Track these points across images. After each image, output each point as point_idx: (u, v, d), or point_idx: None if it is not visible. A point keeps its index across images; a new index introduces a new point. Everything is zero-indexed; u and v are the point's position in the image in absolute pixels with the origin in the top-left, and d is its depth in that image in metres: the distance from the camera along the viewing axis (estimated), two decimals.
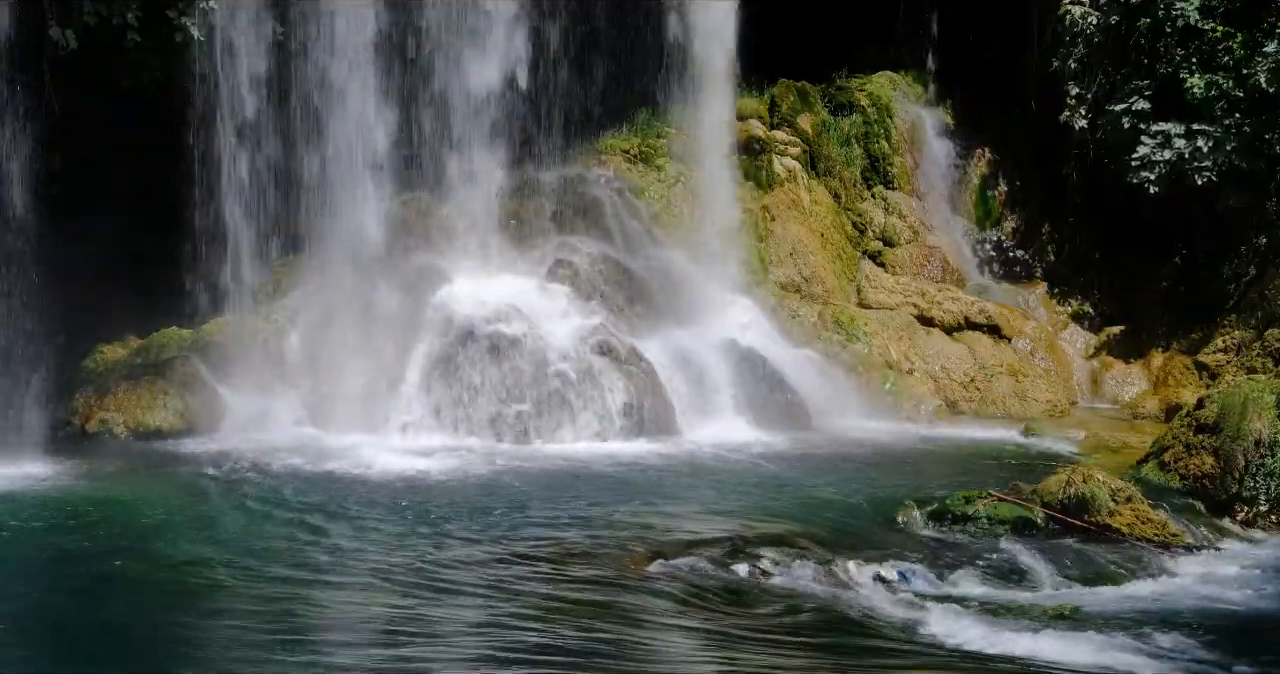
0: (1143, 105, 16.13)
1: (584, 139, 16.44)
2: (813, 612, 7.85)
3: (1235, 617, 8.06)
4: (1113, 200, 17.10)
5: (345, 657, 6.91)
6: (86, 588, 8.05)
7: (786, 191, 17.11)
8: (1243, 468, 10.27)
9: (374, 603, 7.74)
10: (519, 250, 14.87)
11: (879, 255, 17.52)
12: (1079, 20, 16.94)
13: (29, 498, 10.17)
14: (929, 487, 10.84)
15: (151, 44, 12.94)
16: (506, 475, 11.44)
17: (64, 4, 12.44)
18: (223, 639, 7.10)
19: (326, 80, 13.69)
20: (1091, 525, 9.63)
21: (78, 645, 7.07)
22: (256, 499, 10.26)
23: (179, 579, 8.15)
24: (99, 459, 11.65)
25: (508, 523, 9.66)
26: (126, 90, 13.31)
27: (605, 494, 10.74)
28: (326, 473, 11.18)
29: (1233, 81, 15.49)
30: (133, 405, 12.77)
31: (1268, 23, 15.49)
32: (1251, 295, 15.82)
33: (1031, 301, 17.74)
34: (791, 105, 17.83)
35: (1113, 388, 16.59)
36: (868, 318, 16.20)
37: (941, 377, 15.74)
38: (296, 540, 9.08)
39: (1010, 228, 18.43)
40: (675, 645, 7.27)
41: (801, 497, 10.71)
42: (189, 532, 9.30)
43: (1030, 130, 18.02)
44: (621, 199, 15.62)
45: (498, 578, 8.27)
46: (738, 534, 9.32)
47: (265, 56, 13.41)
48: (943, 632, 7.50)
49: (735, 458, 12.48)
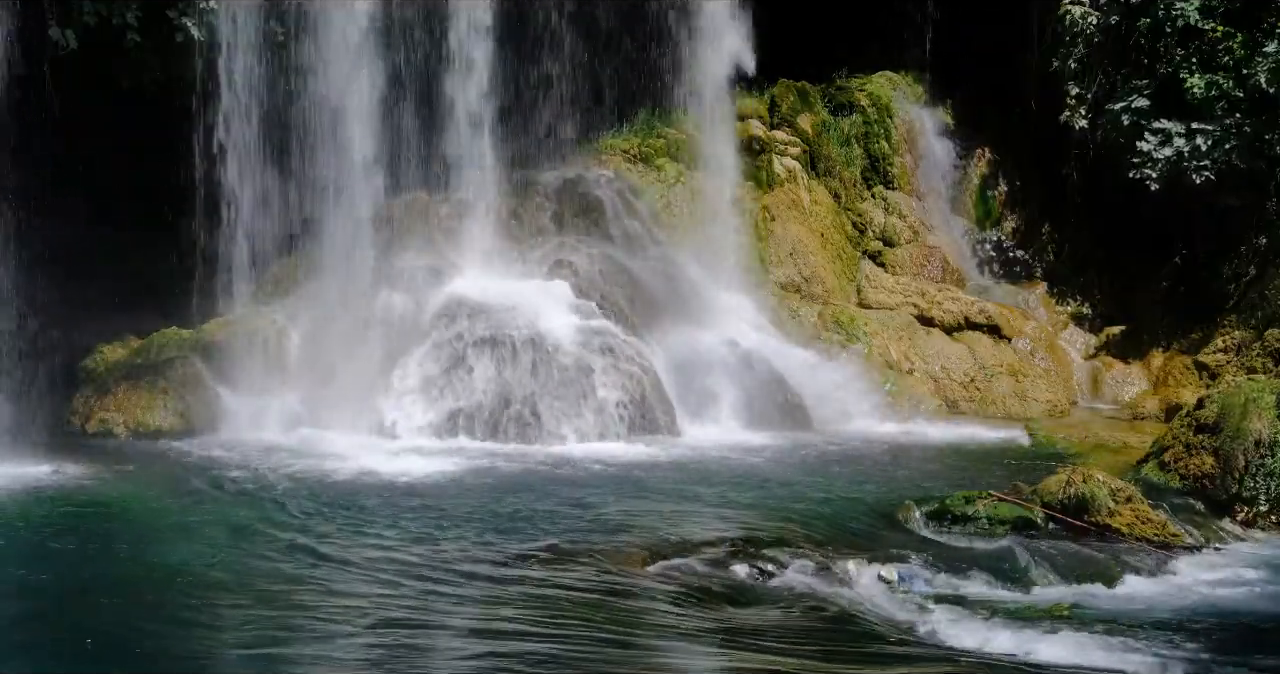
0: (1142, 104, 16.13)
1: (584, 139, 16.45)
2: (812, 612, 7.84)
3: (1235, 617, 8.06)
4: (1113, 200, 17.11)
5: (344, 657, 6.91)
6: (86, 588, 8.05)
7: (786, 191, 17.11)
8: (1243, 468, 10.27)
9: (373, 603, 7.74)
10: (519, 250, 14.87)
11: (879, 255, 17.52)
12: (1079, 20, 16.94)
13: (29, 498, 10.16)
14: (929, 487, 10.84)
15: (151, 44, 12.96)
16: (506, 476, 11.43)
17: (64, 4, 12.46)
18: (222, 640, 7.10)
19: (326, 80, 13.69)
20: (1091, 525, 9.63)
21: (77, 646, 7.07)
22: (256, 499, 10.25)
23: (178, 580, 8.14)
24: (99, 459, 11.63)
25: (507, 523, 9.66)
26: (126, 90, 13.31)
27: (605, 494, 10.73)
28: (326, 473, 11.17)
29: (1233, 81, 15.50)
30: (133, 405, 12.77)
31: (1268, 23, 15.50)
32: (1251, 295, 15.82)
33: (1031, 302, 17.74)
34: (791, 105, 17.84)
35: (1113, 388, 16.59)
36: (868, 318, 16.21)
37: (941, 377, 15.74)
38: (296, 541, 9.07)
39: (1010, 228, 18.44)
40: (675, 646, 7.26)
41: (801, 496, 10.71)
42: (188, 532, 9.29)
43: (1030, 130, 18.03)
44: (621, 199, 15.62)
45: (497, 578, 8.27)
46: (737, 534, 9.32)
47: (265, 56, 13.41)
48: (943, 632, 7.50)
49: (735, 458, 12.48)
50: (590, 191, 15.45)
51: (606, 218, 15.30)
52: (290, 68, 13.56)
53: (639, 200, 15.87)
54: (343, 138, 13.79)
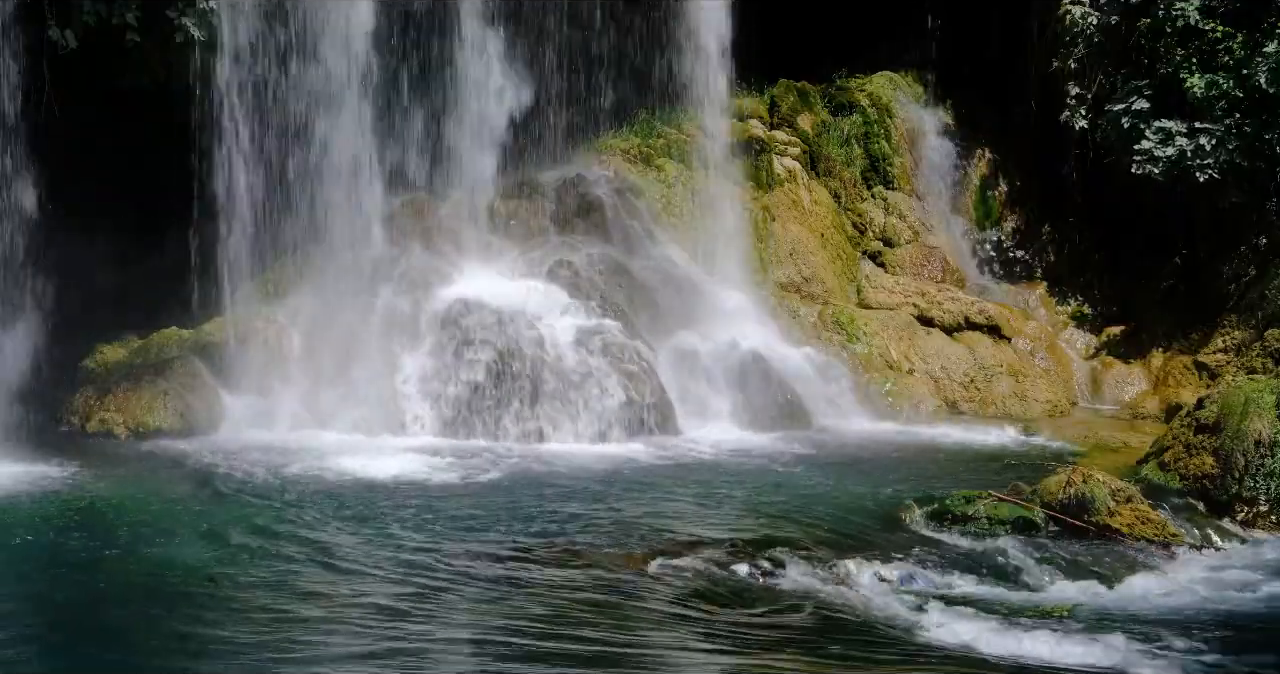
0: (1143, 105, 16.12)
1: (584, 139, 16.45)
2: (813, 612, 7.85)
3: (1235, 617, 8.06)
4: (1113, 200, 17.10)
5: (344, 657, 6.91)
6: (86, 588, 8.05)
7: (786, 191, 17.11)
8: (1243, 468, 10.27)
9: (373, 603, 7.74)
10: (519, 250, 14.87)
11: (879, 255, 17.52)
12: (1079, 20, 16.93)
13: (29, 498, 10.16)
14: (929, 487, 10.85)
15: (151, 44, 12.95)
16: (506, 475, 11.44)
17: (64, 4, 12.45)
18: (221, 640, 7.10)
19: (326, 80, 13.68)
20: (1091, 525, 9.64)
21: (76, 645, 7.07)
22: (256, 500, 10.25)
23: (178, 580, 8.15)
24: (99, 459, 11.63)
25: (507, 523, 9.66)
26: (126, 90, 13.31)
27: (605, 494, 10.74)
28: (325, 473, 11.17)
29: (1233, 81, 15.48)
30: (133, 405, 12.77)
31: (1268, 23, 15.49)
32: (1251, 295, 15.80)
33: (1031, 302, 17.73)
34: (791, 105, 17.84)
35: (1113, 388, 16.58)
36: (868, 318, 16.20)
37: (941, 377, 15.74)
38: (296, 541, 9.08)
39: (1010, 228, 18.43)
40: (675, 646, 7.27)
41: (802, 496, 10.72)
42: (188, 532, 9.29)
43: (1030, 130, 18.02)
44: (621, 199, 15.62)
45: (497, 578, 8.28)
46: (737, 534, 9.33)
47: (265, 56, 13.40)
48: (943, 632, 7.50)
49: (735, 458, 12.49)
50: (590, 191, 15.45)
51: (606, 218, 15.29)
52: (290, 68, 13.55)
53: (639, 200, 15.87)
54: (343, 138, 13.78)
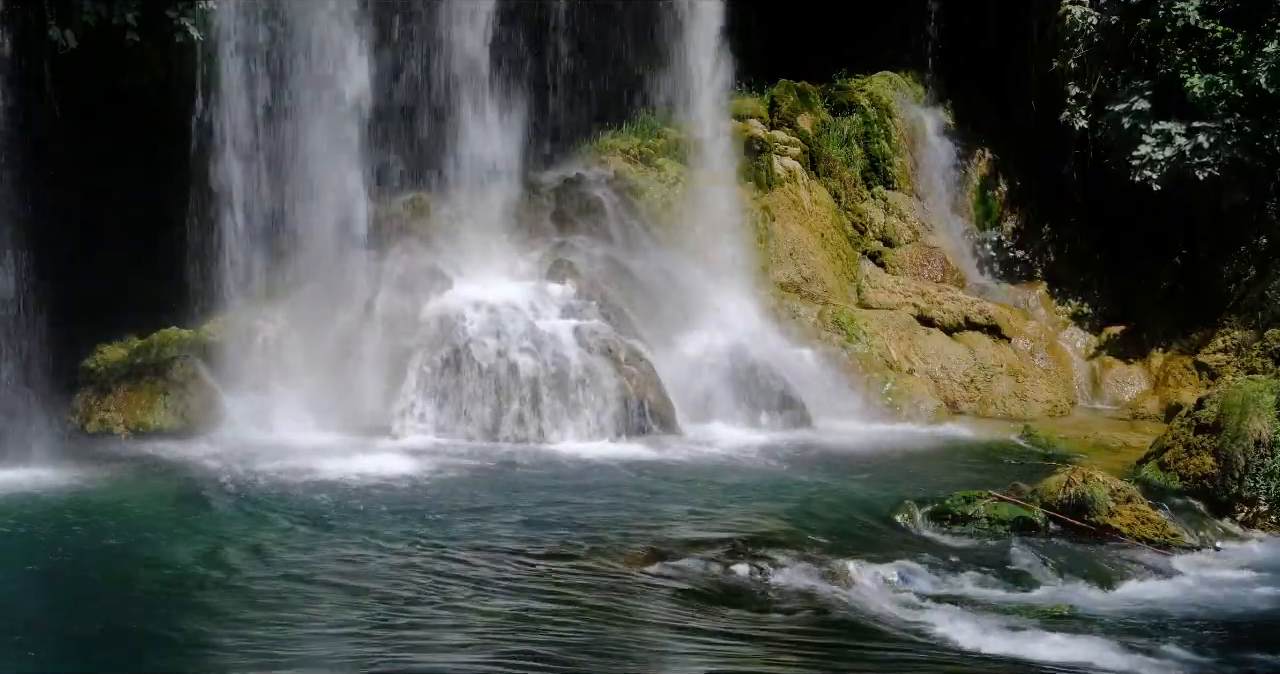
0: (1143, 105, 16.12)
1: (584, 139, 16.45)
2: (813, 612, 7.85)
3: (1235, 617, 8.07)
4: (1113, 200, 17.09)
5: (344, 655, 6.91)
6: (85, 588, 8.06)
7: (786, 191, 17.11)
8: (1243, 468, 10.27)
9: (372, 603, 7.75)
10: (519, 250, 14.87)
11: (879, 255, 17.51)
12: (1079, 20, 16.93)
13: (29, 498, 10.17)
14: (929, 487, 10.85)
15: (151, 44, 12.95)
16: (505, 475, 11.44)
17: (64, 4, 12.44)
18: (221, 640, 7.10)
19: (326, 79, 13.68)
20: (1091, 525, 9.64)
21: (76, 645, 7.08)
22: (255, 499, 10.26)
23: (178, 580, 8.16)
24: (99, 459, 11.64)
25: (507, 523, 9.67)
26: (126, 90, 13.31)
27: (605, 494, 10.74)
28: (325, 473, 11.17)
29: (1233, 81, 15.49)
30: (133, 405, 12.77)
31: (1268, 23, 15.49)
32: (1251, 295, 15.81)
33: (1031, 302, 17.73)
34: (791, 105, 17.83)
35: (1113, 388, 16.58)
36: (868, 318, 16.20)
37: (941, 377, 15.74)
38: (295, 540, 9.08)
39: (1010, 228, 18.42)
40: (675, 645, 7.27)
41: (802, 497, 10.72)
42: (188, 532, 9.30)
43: (1030, 130, 18.01)
44: (621, 199, 15.62)
45: (496, 578, 8.28)
46: (737, 534, 9.33)
47: (264, 56, 13.40)
48: (943, 632, 7.50)
49: (735, 458, 12.49)
50: (590, 191, 15.45)
51: (606, 218, 15.30)
52: (289, 67, 13.55)
53: (639, 200, 15.87)
54: (343, 137, 13.79)
